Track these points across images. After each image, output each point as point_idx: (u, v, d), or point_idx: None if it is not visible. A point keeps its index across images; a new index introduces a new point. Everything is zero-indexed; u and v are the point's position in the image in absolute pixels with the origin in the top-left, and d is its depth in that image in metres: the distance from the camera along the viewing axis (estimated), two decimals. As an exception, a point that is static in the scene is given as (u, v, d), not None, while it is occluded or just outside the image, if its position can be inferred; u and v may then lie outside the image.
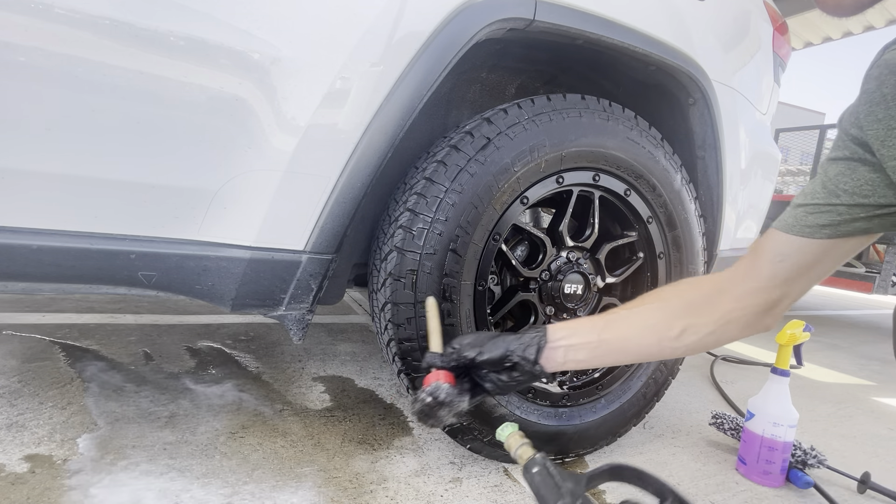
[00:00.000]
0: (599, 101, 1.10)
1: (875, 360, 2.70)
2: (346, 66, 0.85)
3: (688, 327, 0.69)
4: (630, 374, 1.25)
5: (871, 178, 0.55)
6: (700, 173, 1.37)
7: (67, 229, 0.77)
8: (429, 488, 1.03)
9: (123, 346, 1.62)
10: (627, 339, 0.73)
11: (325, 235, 0.92)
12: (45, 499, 0.87)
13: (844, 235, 0.59)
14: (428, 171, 0.97)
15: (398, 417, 1.33)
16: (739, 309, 0.67)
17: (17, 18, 0.66)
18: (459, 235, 0.95)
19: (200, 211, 0.84)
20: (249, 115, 0.81)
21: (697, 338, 0.69)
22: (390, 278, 0.95)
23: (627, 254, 1.27)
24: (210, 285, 0.88)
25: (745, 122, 1.40)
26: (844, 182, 0.57)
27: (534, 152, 1.00)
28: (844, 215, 0.58)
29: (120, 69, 0.72)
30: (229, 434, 1.14)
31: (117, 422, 1.14)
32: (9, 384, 1.26)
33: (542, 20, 0.98)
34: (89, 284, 0.82)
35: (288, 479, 1.00)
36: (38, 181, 0.73)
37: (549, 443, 1.13)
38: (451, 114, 1.31)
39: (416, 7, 0.88)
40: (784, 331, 1.24)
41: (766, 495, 1.15)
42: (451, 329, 0.98)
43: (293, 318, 0.98)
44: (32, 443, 1.02)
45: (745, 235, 1.62)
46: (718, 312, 0.68)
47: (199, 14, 0.75)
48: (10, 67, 0.67)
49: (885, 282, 3.32)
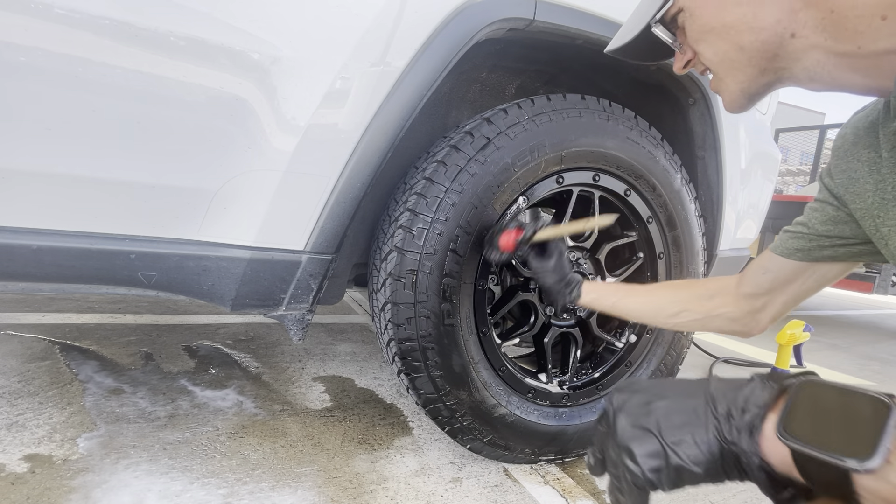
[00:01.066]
0: (599, 101, 1.10)
1: (875, 360, 2.70)
2: (346, 66, 0.85)
3: (683, 311, 0.85)
4: (630, 374, 1.25)
5: (835, 216, 0.65)
6: (700, 173, 1.37)
7: (67, 229, 0.77)
8: (429, 488, 1.03)
9: (123, 346, 1.62)
10: (635, 309, 0.93)
11: (325, 235, 0.92)
12: (45, 499, 0.87)
13: (815, 260, 0.70)
14: (428, 171, 0.97)
15: (398, 417, 1.33)
16: (727, 306, 0.80)
17: (17, 18, 0.66)
18: (459, 235, 0.95)
19: (200, 211, 0.84)
20: (249, 115, 0.81)
21: (687, 320, 0.85)
22: (390, 278, 0.95)
23: (627, 254, 1.27)
24: (210, 285, 0.88)
25: (745, 122, 1.40)
26: (816, 217, 0.68)
27: (534, 152, 1.00)
28: (813, 242, 0.69)
29: (120, 69, 0.72)
30: (229, 434, 1.14)
31: (117, 422, 1.14)
32: (9, 384, 1.26)
33: (541, 20, 0.98)
34: (89, 284, 0.82)
35: (288, 479, 1.00)
36: (38, 181, 0.73)
37: (550, 443, 1.13)
38: (451, 114, 1.31)
39: (416, 7, 0.88)
40: (784, 331, 1.24)
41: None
42: (451, 329, 0.98)
43: (293, 318, 0.98)
44: (32, 443, 1.02)
45: (744, 235, 1.62)
46: (711, 305, 0.82)
47: (199, 14, 0.75)
48: (11, 67, 0.67)
49: (885, 282, 3.32)
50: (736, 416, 0.49)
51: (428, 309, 0.95)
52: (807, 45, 0.50)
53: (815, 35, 0.49)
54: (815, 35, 0.49)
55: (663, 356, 1.26)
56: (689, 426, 0.51)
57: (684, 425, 0.51)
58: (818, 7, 0.48)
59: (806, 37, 0.49)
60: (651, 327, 1.25)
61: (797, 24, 0.49)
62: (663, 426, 0.52)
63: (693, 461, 0.50)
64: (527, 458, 1.13)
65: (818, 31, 0.48)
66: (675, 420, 0.52)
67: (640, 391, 0.57)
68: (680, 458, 0.50)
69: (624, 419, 0.55)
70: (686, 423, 0.51)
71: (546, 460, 1.17)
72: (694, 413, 0.52)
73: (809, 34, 0.49)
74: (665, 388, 0.57)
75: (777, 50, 0.52)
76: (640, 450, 0.52)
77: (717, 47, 0.56)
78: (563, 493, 1.06)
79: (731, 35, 0.54)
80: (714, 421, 0.50)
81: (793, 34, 0.50)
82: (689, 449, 0.50)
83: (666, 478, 0.51)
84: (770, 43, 0.52)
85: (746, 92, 0.58)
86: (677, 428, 0.51)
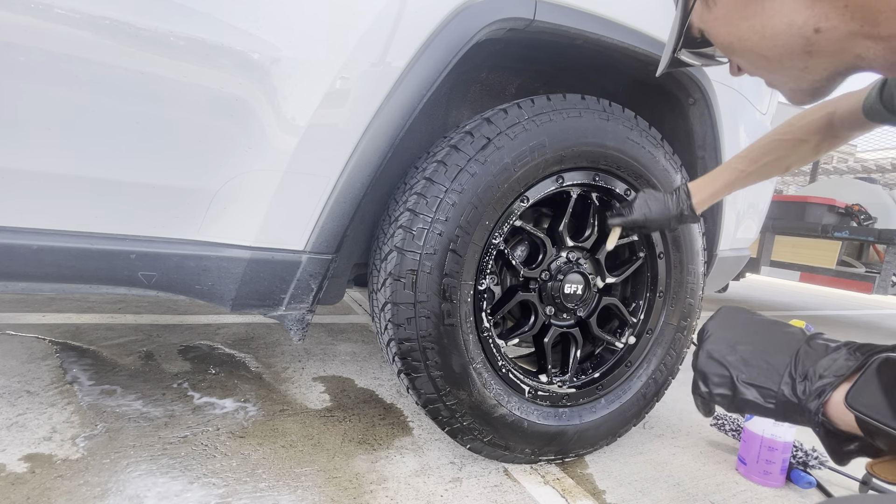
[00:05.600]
0: (599, 101, 1.10)
1: (875, 360, 2.70)
2: (346, 66, 0.85)
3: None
4: (630, 374, 1.25)
5: None
6: (700, 173, 1.37)
7: (67, 229, 0.77)
8: (429, 488, 1.03)
9: (123, 346, 1.62)
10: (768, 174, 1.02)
11: (325, 235, 0.92)
12: (45, 499, 0.87)
13: None
14: (428, 171, 0.97)
15: (398, 417, 1.33)
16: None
17: (17, 18, 0.66)
18: (459, 235, 0.95)
19: (200, 211, 0.84)
20: (249, 115, 0.81)
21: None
22: (390, 278, 0.95)
23: (627, 254, 1.27)
24: (210, 285, 0.88)
25: (745, 122, 1.40)
26: None
27: (534, 152, 1.00)
28: None
29: (120, 69, 0.72)
30: (229, 434, 1.14)
31: (117, 421, 1.14)
32: (9, 384, 1.26)
33: (542, 20, 0.98)
34: (89, 284, 0.82)
35: (288, 478, 1.00)
36: (38, 181, 0.73)
37: (550, 443, 1.13)
38: (451, 114, 1.31)
39: (416, 7, 0.88)
40: (784, 331, 1.24)
41: (765, 495, 1.15)
42: (451, 329, 0.98)
43: (293, 318, 0.98)
44: (32, 443, 1.02)
45: (744, 235, 1.62)
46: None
47: (199, 14, 0.75)
48: (10, 67, 0.67)
49: (885, 282, 3.31)
50: (812, 378, 0.59)
51: (428, 309, 0.95)
52: (842, 34, 0.45)
53: (847, 24, 0.44)
54: (847, 24, 0.44)
55: (663, 356, 1.26)
56: (764, 376, 0.64)
57: (760, 374, 0.64)
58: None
59: (835, 28, 0.45)
60: (651, 327, 1.25)
61: (816, 19, 0.46)
62: (742, 368, 0.66)
63: (756, 400, 0.64)
64: (527, 458, 1.13)
65: (847, 20, 0.44)
66: (754, 366, 0.65)
67: (733, 327, 0.71)
68: (746, 396, 0.64)
69: (708, 347, 0.70)
70: (762, 373, 0.64)
71: (546, 460, 1.17)
72: (774, 366, 0.63)
73: (838, 24, 0.45)
74: (758, 333, 0.69)
75: (808, 48, 0.48)
76: (713, 377, 0.68)
77: (746, 58, 0.54)
78: (563, 493, 1.06)
79: (750, 46, 0.52)
80: (789, 379, 0.61)
81: (816, 29, 0.46)
82: (754, 393, 0.64)
83: (730, 405, 0.66)
84: (793, 45, 0.48)
85: (799, 90, 0.54)
86: (754, 372, 0.65)
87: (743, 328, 0.71)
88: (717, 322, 0.73)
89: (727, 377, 0.66)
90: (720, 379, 0.67)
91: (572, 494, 1.06)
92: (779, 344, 0.66)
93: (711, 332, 0.72)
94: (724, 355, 0.68)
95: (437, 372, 0.99)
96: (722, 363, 0.68)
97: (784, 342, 0.66)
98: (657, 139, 1.17)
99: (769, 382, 0.63)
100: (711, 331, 0.72)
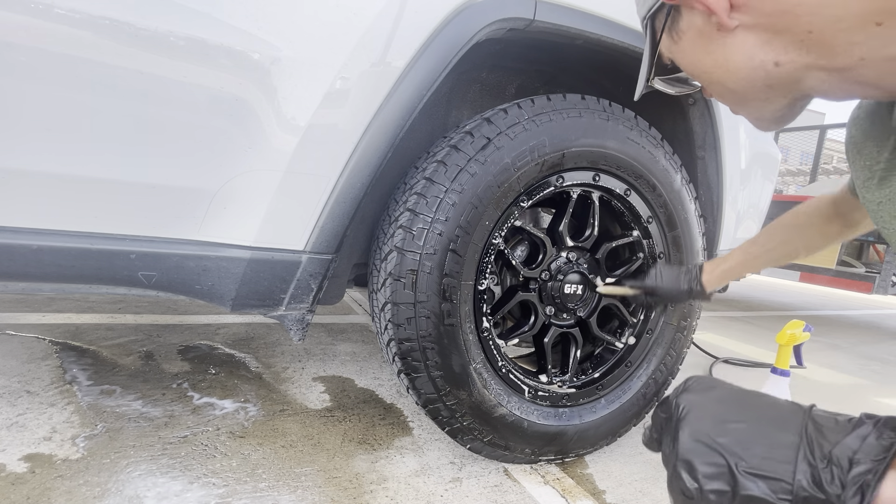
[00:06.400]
0: (599, 101, 1.10)
1: (875, 360, 2.70)
2: (346, 66, 0.85)
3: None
4: (630, 374, 1.25)
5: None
6: (700, 173, 1.37)
7: (67, 229, 0.77)
8: (429, 488, 1.03)
9: (123, 346, 1.62)
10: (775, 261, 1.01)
11: (325, 235, 0.92)
12: (45, 499, 0.87)
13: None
14: (428, 171, 0.97)
15: (398, 417, 1.33)
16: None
17: (17, 18, 0.66)
18: (459, 235, 0.95)
19: (200, 211, 0.84)
20: (249, 115, 0.81)
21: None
22: (390, 278, 0.95)
23: (627, 254, 1.27)
24: (210, 285, 0.88)
25: (745, 123, 1.40)
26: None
27: (534, 152, 1.00)
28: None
29: (120, 69, 0.72)
30: (229, 434, 1.14)
31: (117, 421, 1.14)
32: (9, 384, 1.26)
33: (542, 20, 0.98)
34: (89, 284, 0.82)
35: (288, 478, 1.00)
36: (38, 181, 0.73)
37: (550, 443, 1.13)
38: (451, 114, 1.31)
39: (416, 7, 0.88)
40: (784, 331, 1.24)
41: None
42: (451, 329, 0.98)
43: (293, 318, 0.98)
44: (32, 443, 1.02)
45: (744, 235, 1.62)
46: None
47: (199, 14, 0.75)
48: (10, 67, 0.67)
49: (885, 282, 3.31)
50: (842, 464, 0.45)
51: (428, 309, 0.95)
52: (798, 66, 0.47)
53: (803, 57, 0.46)
54: (803, 57, 0.46)
55: (663, 356, 1.26)
56: (773, 461, 0.48)
57: (767, 459, 0.48)
58: (791, 33, 0.45)
59: (792, 61, 0.47)
60: (651, 328, 1.25)
61: (774, 53, 0.47)
62: (740, 452, 0.49)
63: (766, 497, 0.47)
64: (527, 458, 1.13)
65: (804, 53, 0.46)
66: (757, 450, 0.49)
67: (716, 401, 0.55)
68: (752, 492, 0.48)
69: (690, 427, 0.53)
70: (769, 457, 0.48)
71: (546, 460, 1.17)
72: (781, 448, 0.48)
73: (795, 58, 0.46)
74: (748, 408, 0.53)
75: (769, 81, 0.49)
76: (703, 468, 0.50)
77: (712, 89, 0.56)
78: (563, 493, 1.06)
79: (713, 79, 0.54)
80: (806, 466, 0.47)
81: (776, 63, 0.48)
82: (762, 487, 0.47)
83: (729, 502, 0.49)
84: (755, 78, 0.50)
85: (763, 119, 0.56)
86: (757, 459, 0.49)
87: (726, 402, 0.55)
88: (694, 394, 0.56)
89: (723, 466, 0.49)
90: (713, 469, 0.50)
91: (572, 494, 1.06)
92: (776, 419, 0.51)
93: (689, 408, 0.54)
94: (714, 437, 0.51)
95: (437, 372, 0.99)
96: (712, 448, 0.50)
97: (780, 416, 0.51)
98: (657, 139, 1.16)
99: (780, 471, 0.47)
100: (688, 405, 0.55)
